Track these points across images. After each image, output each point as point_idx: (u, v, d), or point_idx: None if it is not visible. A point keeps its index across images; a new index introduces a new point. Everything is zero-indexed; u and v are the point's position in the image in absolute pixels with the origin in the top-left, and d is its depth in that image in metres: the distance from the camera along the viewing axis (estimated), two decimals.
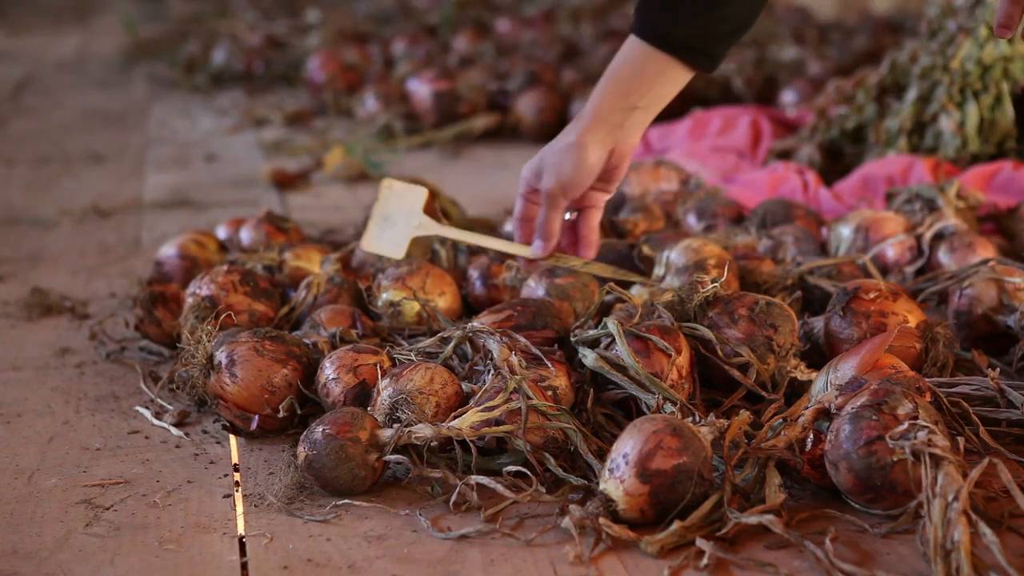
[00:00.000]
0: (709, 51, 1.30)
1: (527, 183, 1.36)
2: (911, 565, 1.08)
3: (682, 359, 1.34)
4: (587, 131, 1.31)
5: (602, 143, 1.31)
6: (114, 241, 2.23)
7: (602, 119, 1.31)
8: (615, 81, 1.31)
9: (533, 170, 1.35)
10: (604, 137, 1.31)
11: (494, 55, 3.84)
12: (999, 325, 1.52)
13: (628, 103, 1.30)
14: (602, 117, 1.31)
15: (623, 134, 1.31)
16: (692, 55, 1.29)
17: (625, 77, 1.30)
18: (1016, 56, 2.29)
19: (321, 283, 1.63)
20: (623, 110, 1.30)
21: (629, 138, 1.32)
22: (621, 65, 1.31)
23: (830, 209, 2.14)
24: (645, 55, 1.29)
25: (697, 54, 1.30)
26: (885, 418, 1.13)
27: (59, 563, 1.12)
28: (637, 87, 1.30)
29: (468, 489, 1.20)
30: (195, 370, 1.39)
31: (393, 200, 1.49)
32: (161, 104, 3.71)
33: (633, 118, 1.31)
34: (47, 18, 6.08)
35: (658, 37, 1.28)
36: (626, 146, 1.33)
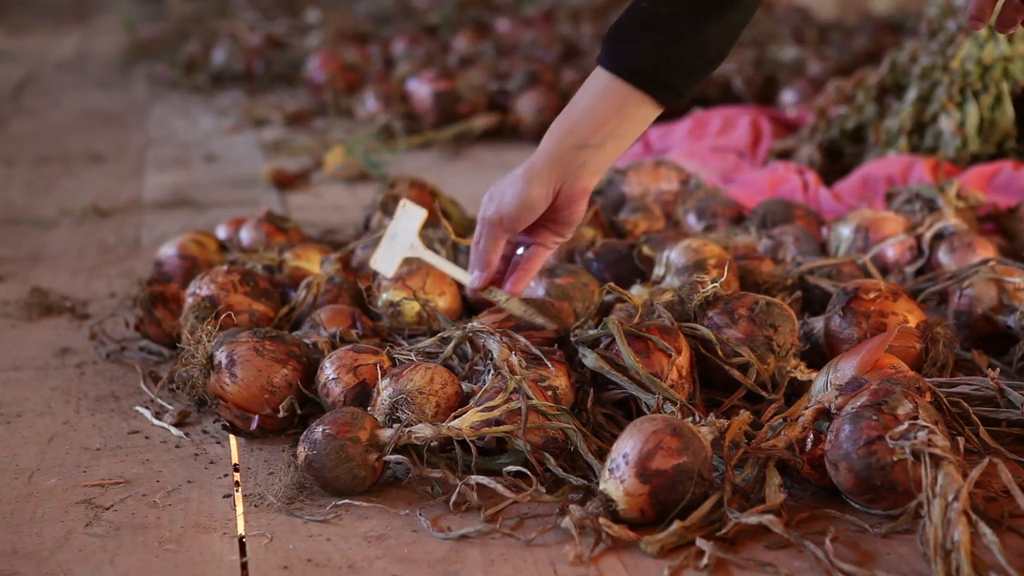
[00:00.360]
0: (677, 85, 1.22)
1: (481, 210, 1.32)
2: (911, 565, 1.08)
3: (682, 359, 1.34)
4: (532, 167, 1.25)
5: (547, 179, 1.25)
6: (114, 241, 2.23)
7: (552, 157, 1.24)
8: (570, 117, 1.24)
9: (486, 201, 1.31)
10: (549, 174, 1.24)
11: (494, 55, 3.84)
12: (999, 325, 1.52)
13: (580, 139, 1.23)
14: (553, 155, 1.24)
15: (570, 173, 1.24)
16: (659, 88, 1.22)
17: (580, 111, 1.24)
18: (1016, 56, 2.29)
19: (321, 283, 1.63)
20: (573, 147, 1.23)
21: (579, 179, 1.25)
22: (578, 99, 1.25)
23: (830, 209, 2.14)
24: (605, 87, 1.22)
25: (664, 87, 1.22)
26: (885, 418, 1.13)
27: (59, 563, 1.12)
28: (590, 122, 1.23)
29: (468, 489, 1.20)
30: (195, 370, 1.39)
31: (403, 219, 1.49)
32: (161, 104, 3.71)
33: (583, 156, 1.24)
34: (47, 18, 6.08)
35: (621, 67, 1.22)
36: (575, 188, 1.25)
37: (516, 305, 1.34)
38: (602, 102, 1.23)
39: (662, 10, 1.19)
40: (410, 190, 1.99)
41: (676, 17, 1.19)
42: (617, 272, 1.67)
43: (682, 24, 1.19)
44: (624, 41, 1.21)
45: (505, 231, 1.28)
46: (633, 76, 1.22)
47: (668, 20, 1.19)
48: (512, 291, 1.32)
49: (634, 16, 1.21)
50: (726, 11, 1.19)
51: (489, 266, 1.30)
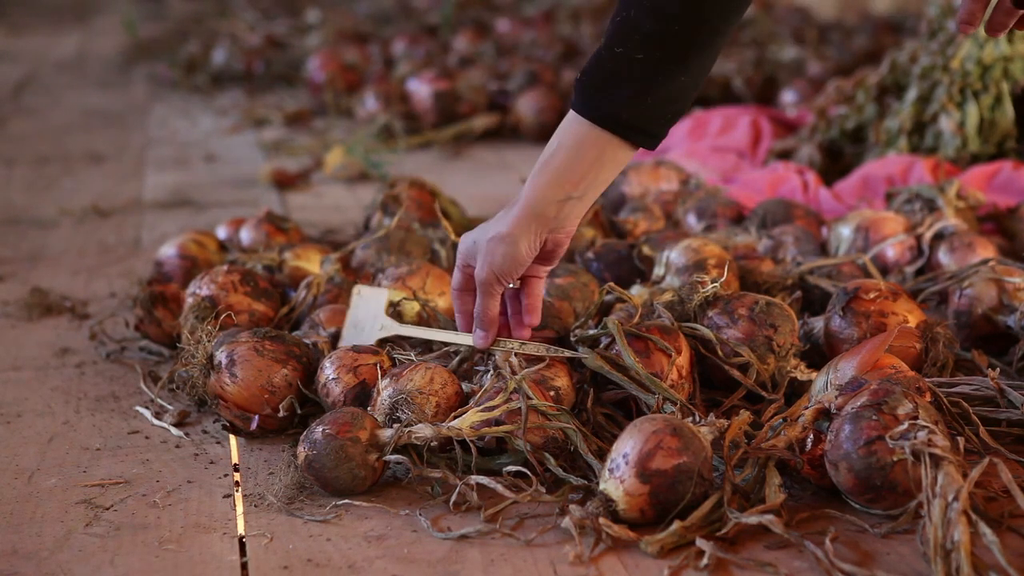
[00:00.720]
0: (653, 131, 1.25)
1: (463, 259, 1.32)
2: (911, 565, 1.08)
3: (682, 359, 1.34)
4: (518, 223, 1.26)
5: (535, 235, 1.26)
6: (114, 241, 2.23)
7: (536, 212, 1.25)
8: (551, 169, 1.25)
9: (468, 250, 1.31)
10: (537, 229, 1.26)
11: (494, 55, 3.84)
12: (999, 325, 1.52)
13: (563, 193, 1.24)
14: (536, 210, 1.25)
15: (556, 224, 1.26)
16: (636, 135, 1.24)
17: (561, 165, 1.24)
18: (1016, 56, 2.29)
19: (321, 283, 1.63)
20: (557, 202, 1.25)
21: (563, 228, 1.27)
22: (557, 150, 1.25)
23: (830, 209, 2.14)
24: (584, 137, 1.24)
25: (641, 134, 1.24)
26: (885, 418, 1.13)
27: (59, 563, 1.12)
28: (573, 175, 1.24)
29: (468, 489, 1.20)
30: (195, 370, 1.39)
31: (361, 306, 1.50)
32: (161, 104, 3.71)
33: (567, 208, 1.25)
34: (47, 18, 6.09)
35: (600, 116, 1.22)
36: (562, 233, 1.28)
37: (535, 347, 1.34)
38: (582, 152, 1.24)
39: (636, 56, 1.20)
40: (410, 190, 1.99)
41: (650, 65, 1.20)
42: (617, 272, 1.67)
43: (658, 73, 1.21)
44: (600, 89, 1.23)
45: (500, 286, 1.30)
46: (613, 125, 1.23)
47: (643, 68, 1.20)
48: (530, 323, 1.34)
49: (608, 64, 1.22)
50: (697, 56, 1.21)
51: (493, 324, 1.31)
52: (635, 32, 1.20)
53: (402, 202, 1.95)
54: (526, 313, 1.34)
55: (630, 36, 1.20)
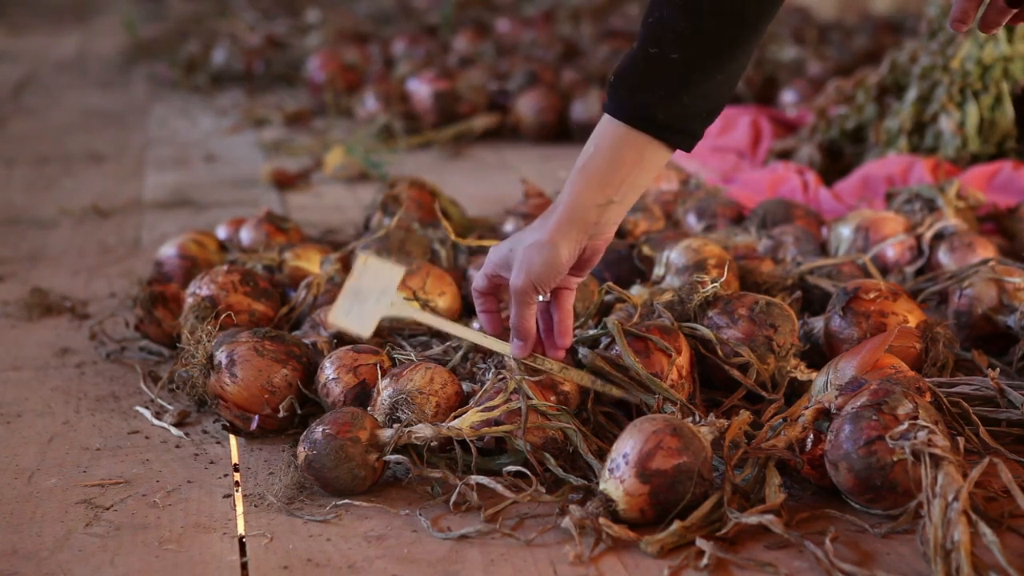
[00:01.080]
0: (691, 130, 1.22)
1: (492, 268, 1.28)
2: (911, 565, 1.08)
3: (682, 359, 1.34)
4: (559, 229, 1.23)
5: (576, 242, 1.23)
6: (114, 241, 2.23)
7: (576, 218, 1.22)
8: (590, 173, 1.22)
9: (502, 258, 1.27)
10: (578, 236, 1.23)
11: (494, 55, 3.84)
12: (999, 325, 1.52)
13: (604, 197, 1.22)
14: (576, 215, 1.22)
15: (597, 231, 1.24)
16: (674, 135, 1.22)
17: (600, 168, 1.22)
18: (1016, 56, 2.29)
19: (321, 283, 1.63)
20: (597, 207, 1.22)
21: (603, 234, 1.25)
22: (595, 153, 1.23)
23: (830, 209, 2.14)
24: (622, 139, 1.21)
25: (678, 134, 1.22)
26: (885, 418, 1.13)
27: (59, 563, 1.12)
28: (612, 178, 1.22)
29: (468, 489, 1.20)
30: (195, 370, 1.39)
31: (367, 275, 1.45)
32: (161, 104, 3.71)
33: (608, 214, 1.23)
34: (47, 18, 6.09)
35: (636, 118, 1.20)
36: (600, 240, 1.25)
37: (578, 375, 1.31)
38: (620, 154, 1.22)
39: (671, 56, 1.18)
40: (410, 190, 1.99)
41: (686, 64, 1.19)
42: (617, 272, 1.67)
43: (693, 71, 1.19)
44: (635, 90, 1.21)
45: (536, 294, 1.26)
46: (650, 127, 1.21)
47: (678, 67, 1.19)
48: (563, 345, 1.30)
49: (642, 65, 1.20)
50: (732, 54, 1.20)
51: (530, 334, 1.28)
52: (669, 32, 1.18)
53: (402, 202, 1.95)
54: (559, 335, 1.30)
55: (664, 36, 1.18)
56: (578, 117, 3.03)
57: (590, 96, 3.05)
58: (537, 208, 1.93)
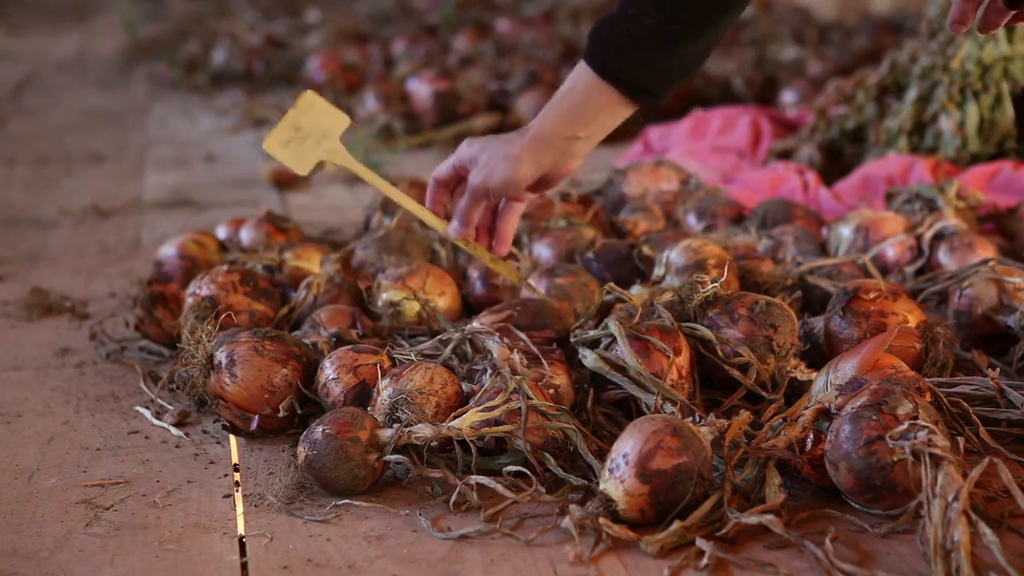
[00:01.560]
0: (658, 92, 1.34)
1: (460, 160, 1.40)
2: (911, 565, 1.08)
3: (682, 359, 1.34)
4: (527, 148, 1.35)
5: (539, 164, 1.35)
6: (114, 241, 2.23)
7: (544, 141, 1.35)
8: (562, 107, 1.35)
9: (470, 155, 1.39)
10: (542, 159, 1.35)
11: (494, 55, 3.84)
12: (999, 325, 1.52)
13: (571, 131, 1.35)
14: (544, 139, 1.35)
15: (560, 159, 1.36)
16: (642, 94, 1.33)
17: (572, 105, 1.34)
18: (1016, 56, 2.29)
19: (321, 283, 1.63)
20: (565, 138, 1.35)
21: (567, 164, 1.37)
22: (570, 91, 1.35)
23: (830, 209, 2.14)
24: (592, 86, 1.34)
25: (647, 94, 1.34)
26: (885, 418, 1.13)
27: (59, 563, 1.12)
28: (582, 117, 1.34)
29: (468, 489, 1.20)
30: (195, 370, 1.39)
31: (312, 115, 1.45)
32: (161, 104, 3.71)
33: (574, 146, 1.35)
34: (47, 18, 6.09)
35: (609, 73, 1.32)
36: (564, 168, 1.38)
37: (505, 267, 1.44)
38: (592, 99, 1.34)
39: (646, 21, 1.28)
40: (410, 190, 1.99)
41: (660, 31, 1.29)
42: (617, 272, 1.67)
43: (667, 40, 1.29)
44: (610, 46, 1.31)
45: (488, 199, 1.38)
46: (620, 83, 1.33)
47: (654, 33, 1.29)
48: (498, 252, 1.43)
49: (619, 24, 1.31)
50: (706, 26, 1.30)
51: (469, 224, 1.39)
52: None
53: None
54: (497, 241, 1.42)
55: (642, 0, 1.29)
56: None
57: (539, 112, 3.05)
58: (537, 208, 1.93)
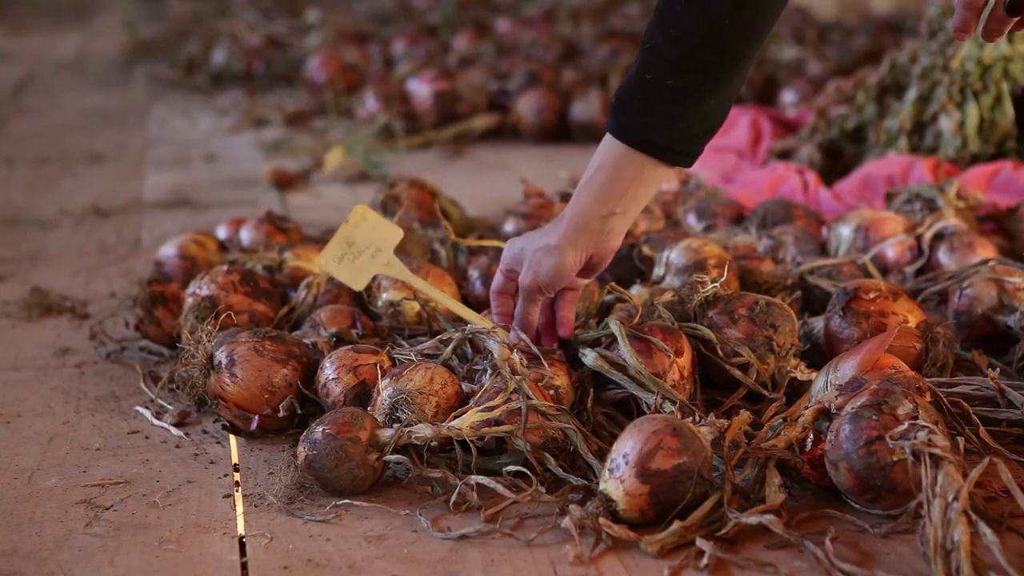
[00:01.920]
0: (688, 150, 1.30)
1: (507, 264, 1.37)
2: (911, 565, 1.08)
3: (684, 360, 1.34)
4: (565, 236, 1.31)
5: (581, 249, 1.32)
6: (114, 241, 2.23)
7: (581, 226, 1.31)
8: (594, 187, 1.31)
9: (514, 256, 1.36)
10: (583, 244, 1.32)
11: (494, 55, 3.84)
12: (999, 325, 1.52)
13: (606, 209, 1.30)
14: (581, 224, 1.31)
15: (601, 240, 1.32)
16: (672, 156, 1.29)
17: (603, 182, 1.30)
18: (1016, 56, 2.29)
19: (321, 283, 1.63)
20: (601, 217, 1.31)
21: (608, 243, 1.33)
22: (599, 169, 1.31)
23: (830, 209, 2.14)
24: (621, 158, 1.29)
25: (676, 154, 1.30)
26: (885, 418, 1.13)
27: (59, 563, 1.12)
28: (615, 192, 1.30)
29: (468, 489, 1.20)
30: (195, 370, 1.39)
31: (364, 228, 1.47)
32: (161, 104, 3.71)
33: (611, 224, 1.31)
34: (47, 18, 6.09)
35: (636, 140, 1.29)
36: (607, 248, 1.34)
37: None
38: (621, 172, 1.30)
39: (666, 83, 1.26)
40: (410, 190, 1.99)
41: (679, 91, 1.26)
42: (617, 272, 1.67)
43: (687, 97, 1.26)
44: (634, 113, 1.28)
45: (543, 295, 1.35)
46: (647, 147, 1.29)
47: (672, 93, 1.26)
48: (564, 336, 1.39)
49: (639, 90, 1.28)
50: (724, 80, 1.27)
51: (531, 327, 1.36)
52: (663, 60, 1.25)
53: (402, 202, 1.95)
54: (560, 325, 1.38)
55: (658, 63, 1.26)
56: (578, 117, 3.03)
57: (590, 96, 3.05)
58: (537, 208, 1.93)
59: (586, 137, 2.98)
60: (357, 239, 1.47)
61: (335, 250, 1.47)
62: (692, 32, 1.23)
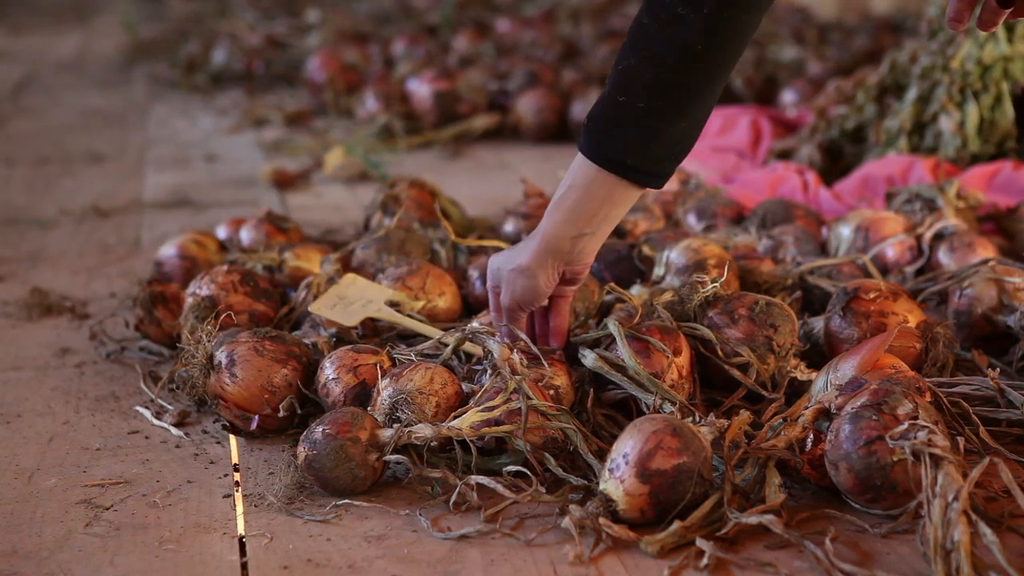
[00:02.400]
0: (659, 172, 1.30)
1: (491, 280, 1.38)
2: (911, 565, 1.08)
3: (682, 359, 1.34)
4: (536, 257, 1.32)
5: (552, 268, 1.33)
6: (114, 241, 2.23)
7: (551, 248, 1.31)
8: (565, 208, 1.31)
9: (493, 274, 1.37)
10: (554, 263, 1.32)
11: (494, 55, 3.84)
12: (999, 325, 1.52)
13: (576, 230, 1.31)
14: (552, 246, 1.31)
15: (572, 259, 1.33)
16: (643, 177, 1.29)
17: (574, 204, 1.30)
18: (1016, 56, 2.29)
19: (321, 283, 1.63)
20: (571, 238, 1.31)
21: (579, 262, 1.33)
22: (569, 190, 1.31)
23: (830, 209, 2.14)
24: (593, 179, 1.29)
25: (647, 175, 1.30)
26: (885, 418, 1.13)
27: (59, 563, 1.12)
28: (585, 212, 1.30)
29: (468, 489, 1.20)
30: (195, 370, 1.39)
31: (354, 289, 1.55)
32: (161, 104, 3.71)
33: (581, 244, 1.32)
34: (47, 18, 6.09)
35: (607, 161, 1.28)
36: (579, 266, 1.34)
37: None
38: (592, 193, 1.30)
39: (638, 105, 1.26)
40: (410, 190, 1.99)
41: (652, 113, 1.26)
42: (617, 272, 1.67)
43: (660, 120, 1.26)
44: (605, 135, 1.28)
45: (523, 312, 1.36)
46: (619, 168, 1.29)
47: (645, 116, 1.26)
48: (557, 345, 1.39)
49: (611, 111, 1.27)
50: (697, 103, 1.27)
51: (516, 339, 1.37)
52: (636, 81, 1.25)
53: (402, 202, 1.95)
54: (553, 334, 1.39)
55: (631, 85, 1.26)
56: (578, 117, 3.03)
57: (590, 96, 3.05)
58: (537, 208, 1.93)
59: None
60: (348, 294, 1.54)
61: (327, 301, 1.54)
62: (666, 55, 1.23)
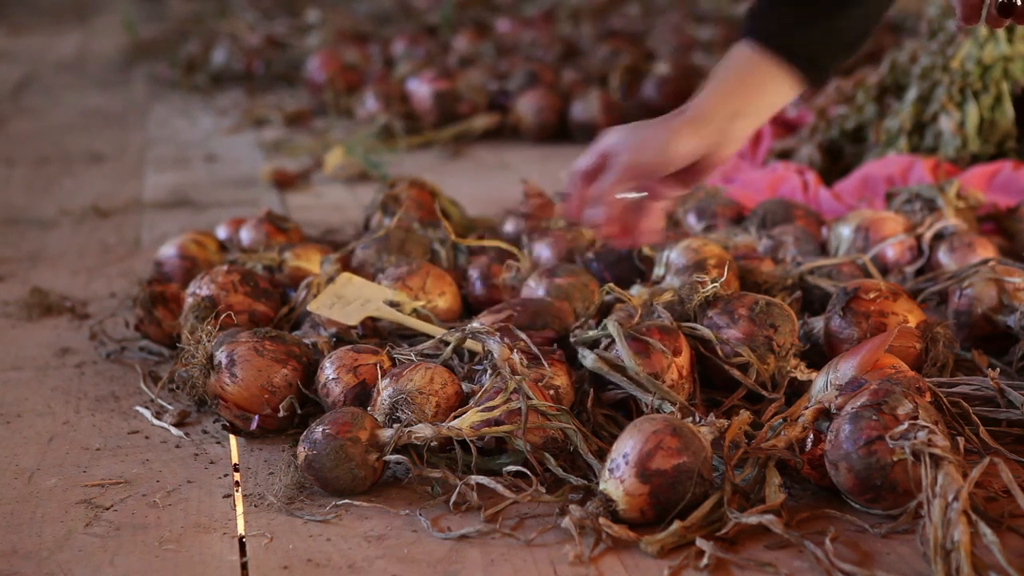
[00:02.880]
0: (822, 63, 1.21)
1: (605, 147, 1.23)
2: (911, 565, 1.08)
3: (682, 359, 1.34)
4: (688, 122, 1.20)
5: (700, 139, 1.20)
6: (114, 241, 2.23)
7: (706, 118, 1.20)
8: (720, 83, 1.21)
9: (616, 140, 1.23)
10: (705, 135, 1.20)
11: (494, 55, 3.84)
12: (999, 325, 1.52)
13: (732, 108, 1.20)
14: (706, 117, 1.20)
15: (723, 139, 1.21)
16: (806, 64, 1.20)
17: (730, 80, 1.21)
18: (1016, 56, 2.29)
19: (321, 283, 1.63)
20: (730, 115, 1.20)
21: (727, 146, 1.22)
22: (727, 68, 1.22)
23: (830, 209, 2.14)
24: (751, 58, 1.20)
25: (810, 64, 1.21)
26: (885, 418, 1.13)
27: (59, 563, 1.12)
28: (742, 92, 1.20)
29: (468, 489, 1.20)
30: (195, 370, 1.39)
31: (351, 288, 1.55)
32: (161, 104, 3.71)
33: (735, 126, 1.21)
34: (47, 18, 6.09)
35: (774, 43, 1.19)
36: (723, 153, 1.22)
37: None
38: (751, 75, 1.21)
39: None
40: (410, 190, 1.99)
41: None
42: (617, 272, 1.67)
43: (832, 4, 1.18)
44: (771, 15, 1.20)
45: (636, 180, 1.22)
46: (783, 51, 1.20)
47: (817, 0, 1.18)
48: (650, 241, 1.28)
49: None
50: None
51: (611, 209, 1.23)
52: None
53: (402, 202, 1.95)
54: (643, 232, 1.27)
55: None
56: (578, 117, 3.03)
57: (590, 96, 3.05)
58: (537, 208, 1.93)
59: (586, 137, 2.98)
60: (345, 294, 1.53)
61: (325, 300, 1.53)
62: None
